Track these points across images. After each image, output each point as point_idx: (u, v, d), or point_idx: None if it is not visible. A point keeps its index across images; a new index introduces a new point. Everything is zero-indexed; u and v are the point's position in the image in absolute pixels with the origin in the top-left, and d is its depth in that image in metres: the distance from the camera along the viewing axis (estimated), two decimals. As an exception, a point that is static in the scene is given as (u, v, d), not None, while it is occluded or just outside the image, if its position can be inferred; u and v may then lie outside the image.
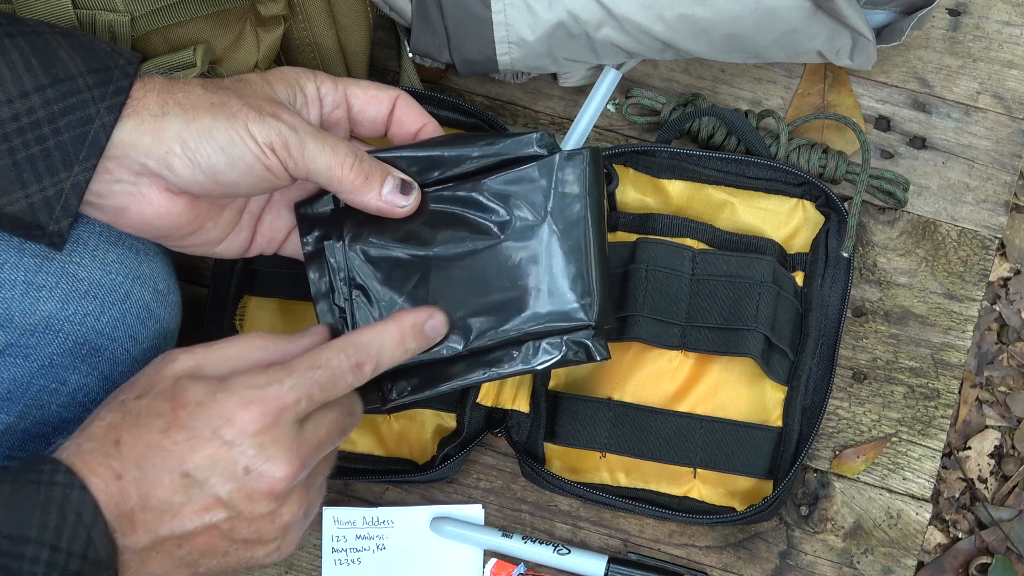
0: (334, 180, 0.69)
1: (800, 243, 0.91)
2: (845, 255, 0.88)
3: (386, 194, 0.71)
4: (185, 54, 0.79)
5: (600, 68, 0.91)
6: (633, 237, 0.89)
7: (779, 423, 0.88)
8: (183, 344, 0.71)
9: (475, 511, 0.89)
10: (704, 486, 0.88)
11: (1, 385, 0.72)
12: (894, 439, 0.90)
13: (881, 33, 0.92)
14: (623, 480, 0.88)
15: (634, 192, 0.91)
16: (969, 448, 1.28)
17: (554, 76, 0.95)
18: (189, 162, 0.66)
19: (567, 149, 0.74)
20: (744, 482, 0.88)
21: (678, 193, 0.91)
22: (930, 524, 1.24)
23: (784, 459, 0.86)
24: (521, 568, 0.88)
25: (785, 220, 0.91)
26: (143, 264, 0.76)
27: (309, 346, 0.69)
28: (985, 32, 0.98)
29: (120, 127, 0.65)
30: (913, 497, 0.90)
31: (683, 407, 0.88)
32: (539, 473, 0.87)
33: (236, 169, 0.67)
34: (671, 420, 0.88)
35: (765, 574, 0.89)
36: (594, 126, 0.84)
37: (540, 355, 0.73)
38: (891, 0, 0.91)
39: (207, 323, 0.89)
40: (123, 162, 0.65)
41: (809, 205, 0.91)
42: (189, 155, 0.65)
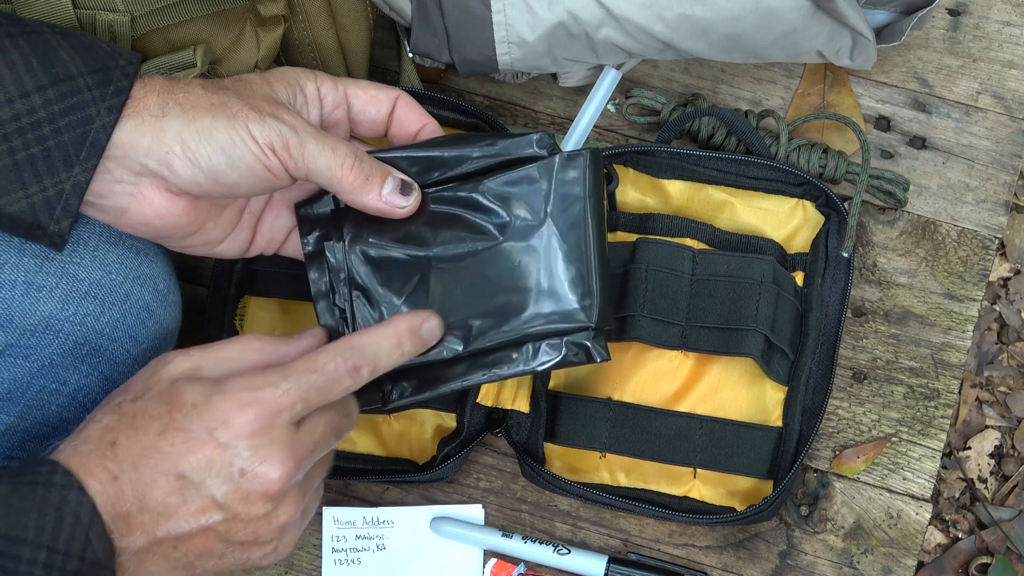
0: (334, 181, 0.69)
1: (800, 243, 0.91)
2: (845, 255, 0.88)
3: (386, 195, 0.71)
4: (185, 54, 0.79)
5: (600, 68, 0.91)
6: (633, 237, 0.89)
7: (779, 423, 0.88)
8: (183, 344, 0.71)
9: (475, 511, 0.89)
10: (704, 486, 0.88)
11: (1, 385, 0.72)
12: (894, 439, 0.90)
13: (881, 33, 0.92)
14: (623, 480, 0.88)
15: (634, 192, 0.91)
16: (969, 448, 1.28)
17: (554, 76, 0.95)
18: (189, 162, 0.66)
19: (567, 150, 0.74)
20: (744, 482, 0.88)
21: (678, 193, 0.91)
22: (930, 524, 1.24)
23: (784, 459, 0.86)
24: (521, 568, 0.88)
25: (785, 220, 0.91)
26: (143, 264, 0.76)
27: (306, 348, 0.69)
28: (985, 32, 0.98)
29: (120, 127, 0.65)
30: (913, 497, 0.90)
31: (683, 407, 0.88)
32: (539, 473, 0.87)
33: (236, 170, 0.67)
34: (671, 420, 0.88)
35: (765, 574, 0.89)
36: (594, 126, 0.84)
37: (540, 356, 0.73)
38: (891, 0, 0.91)
39: (207, 323, 0.89)
40: (123, 162, 0.65)
41: (809, 205, 0.91)
42: (189, 155, 0.65)
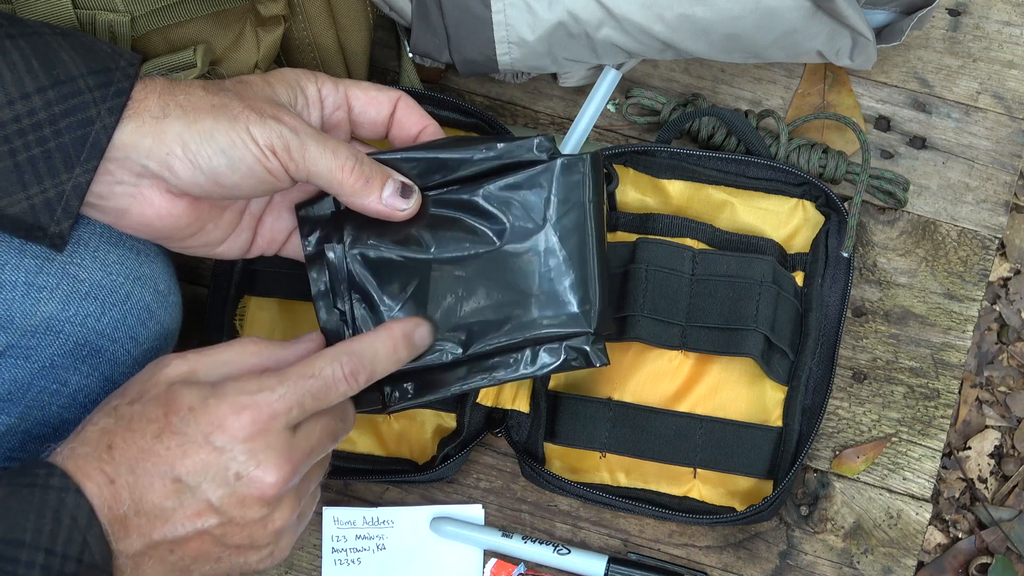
0: (335, 183, 0.69)
1: (800, 243, 0.91)
2: (845, 255, 0.88)
3: (386, 198, 0.71)
4: (185, 54, 0.79)
5: (600, 68, 0.91)
6: (633, 237, 0.89)
7: (779, 423, 0.88)
8: (183, 344, 0.71)
9: (475, 511, 0.89)
10: (704, 486, 0.88)
11: (2, 386, 0.72)
12: (894, 439, 0.90)
13: (881, 33, 0.92)
14: (623, 480, 0.88)
15: (634, 192, 0.91)
16: (969, 448, 1.28)
17: (554, 76, 0.95)
18: (190, 164, 0.66)
19: (567, 150, 0.74)
20: (744, 482, 0.88)
21: (678, 193, 0.91)
22: (930, 524, 1.24)
23: (784, 459, 0.86)
24: (521, 568, 0.88)
25: (785, 220, 0.91)
26: (144, 265, 0.76)
27: (304, 352, 0.69)
28: (985, 32, 0.98)
29: (121, 129, 0.65)
30: (913, 497, 0.90)
31: (683, 407, 0.88)
32: (539, 473, 0.87)
33: (237, 171, 0.66)
34: (671, 420, 0.88)
35: (765, 574, 0.89)
36: (594, 126, 0.83)
37: (539, 361, 0.73)
38: (891, 0, 0.91)
39: (207, 323, 0.89)
40: (124, 164, 0.65)
41: (809, 205, 0.91)
42: (190, 157, 0.65)
